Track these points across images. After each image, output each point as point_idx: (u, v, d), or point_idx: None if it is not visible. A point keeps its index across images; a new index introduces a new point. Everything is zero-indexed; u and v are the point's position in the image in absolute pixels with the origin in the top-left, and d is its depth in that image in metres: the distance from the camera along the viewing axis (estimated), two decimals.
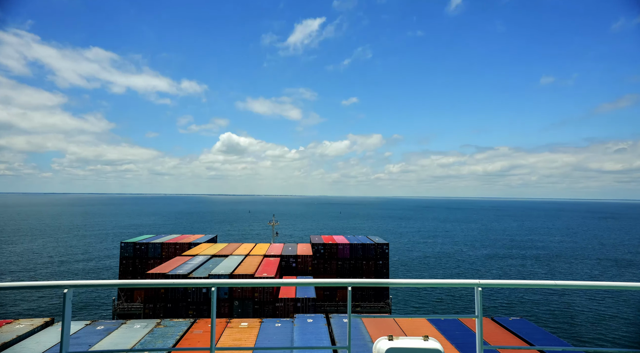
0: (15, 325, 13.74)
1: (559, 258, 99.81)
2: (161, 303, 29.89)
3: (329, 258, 43.67)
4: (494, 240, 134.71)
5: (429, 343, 5.44)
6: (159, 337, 13.44)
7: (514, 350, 11.18)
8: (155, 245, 44.16)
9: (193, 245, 44.72)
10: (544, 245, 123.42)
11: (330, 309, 39.90)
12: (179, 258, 36.39)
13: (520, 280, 5.63)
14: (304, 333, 13.79)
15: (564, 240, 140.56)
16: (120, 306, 38.40)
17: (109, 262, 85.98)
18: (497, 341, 13.18)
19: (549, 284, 5.57)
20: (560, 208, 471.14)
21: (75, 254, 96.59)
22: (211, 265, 33.26)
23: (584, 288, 5.65)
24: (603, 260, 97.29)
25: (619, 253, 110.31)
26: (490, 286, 5.52)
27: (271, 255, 39.00)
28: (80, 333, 13.46)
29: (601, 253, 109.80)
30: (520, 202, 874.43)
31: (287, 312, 29.14)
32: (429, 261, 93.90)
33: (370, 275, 43.34)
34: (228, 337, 13.66)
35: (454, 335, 13.62)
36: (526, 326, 14.88)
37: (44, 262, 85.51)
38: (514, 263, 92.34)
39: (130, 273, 43.28)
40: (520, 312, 53.88)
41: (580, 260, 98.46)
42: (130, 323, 14.73)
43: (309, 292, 30.71)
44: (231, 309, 29.76)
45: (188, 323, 14.91)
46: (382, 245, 44.00)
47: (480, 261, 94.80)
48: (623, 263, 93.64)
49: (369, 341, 12.67)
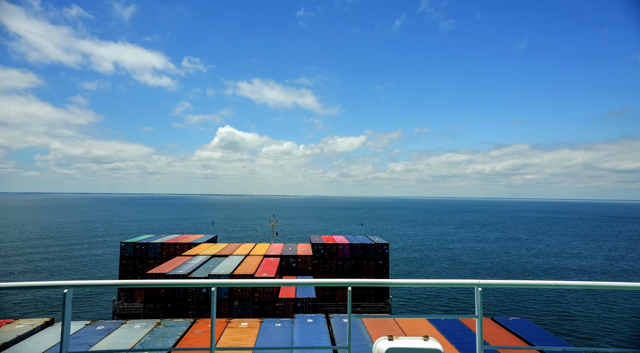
0: (15, 325, 13.75)
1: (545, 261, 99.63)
2: (161, 303, 29.90)
3: (329, 258, 43.68)
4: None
5: (429, 343, 5.44)
6: (159, 337, 13.44)
7: (514, 350, 11.18)
8: (155, 245, 44.18)
9: (193, 245, 44.73)
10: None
11: (330, 309, 39.90)
12: (179, 258, 36.39)
13: (520, 280, 5.63)
14: (304, 333, 13.80)
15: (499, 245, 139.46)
16: (120, 306, 38.40)
17: (109, 262, 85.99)
18: (497, 341, 13.18)
19: (549, 284, 5.57)
20: (539, 209, 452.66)
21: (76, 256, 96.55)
22: (211, 265, 33.26)
23: (584, 288, 5.65)
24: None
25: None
26: (490, 286, 5.52)
27: (271, 255, 39.00)
28: (80, 333, 13.47)
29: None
30: (509, 203, 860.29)
31: (287, 312, 29.14)
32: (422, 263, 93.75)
33: (370, 275, 43.35)
34: (228, 337, 13.67)
35: (454, 335, 13.62)
36: (526, 326, 14.88)
37: (44, 262, 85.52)
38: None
39: (130, 273, 43.29)
40: (520, 312, 53.89)
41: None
42: (130, 323, 14.74)
43: (309, 292, 30.72)
44: (231, 309, 29.76)
45: (188, 323, 14.92)
46: (382, 245, 44.02)
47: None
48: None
49: (369, 341, 12.67)
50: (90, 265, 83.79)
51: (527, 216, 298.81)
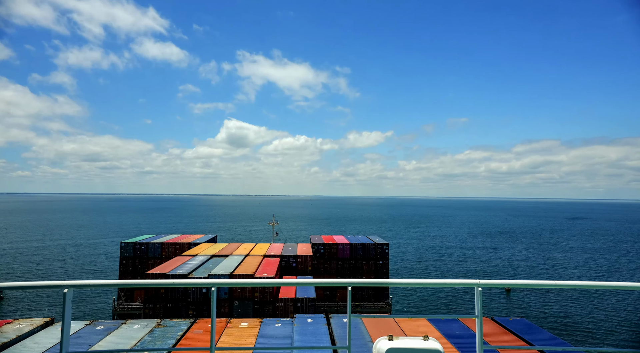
0: (15, 325, 13.75)
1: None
2: (161, 303, 29.91)
3: (329, 258, 43.70)
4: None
5: (429, 343, 5.44)
6: (159, 337, 13.44)
7: (514, 350, 11.19)
8: (155, 245, 44.19)
9: (193, 245, 44.75)
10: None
11: (330, 309, 39.92)
12: (179, 258, 36.40)
13: (520, 280, 5.64)
14: (304, 333, 13.80)
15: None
16: (120, 306, 38.41)
17: (109, 262, 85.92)
18: (497, 341, 13.18)
19: (549, 284, 5.58)
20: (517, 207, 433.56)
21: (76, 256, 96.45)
22: (211, 265, 33.27)
23: (584, 288, 5.65)
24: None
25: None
26: (490, 286, 5.52)
27: (271, 255, 39.01)
28: (80, 333, 13.47)
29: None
30: (508, 202, 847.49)
31: (287, 312, 29.15)
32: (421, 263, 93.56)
33: (370, 275, 43.36)
34: (228, 337, 13.67)
35: (454, 335, 13.62)
36: (526, 326, 14.88)
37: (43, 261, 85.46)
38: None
39: (130, 273, 43.31)
40: (520, 312, 53.89)
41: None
42: (130, 323, 14.74)
43: (309, 292, 30.72)
44: (231, 309, 29.77)
45: (188, 323, 14.92)
46: (382, 245, 44.04)
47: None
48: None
49: (369, 341, 12.67)
50: (90, 265, 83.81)
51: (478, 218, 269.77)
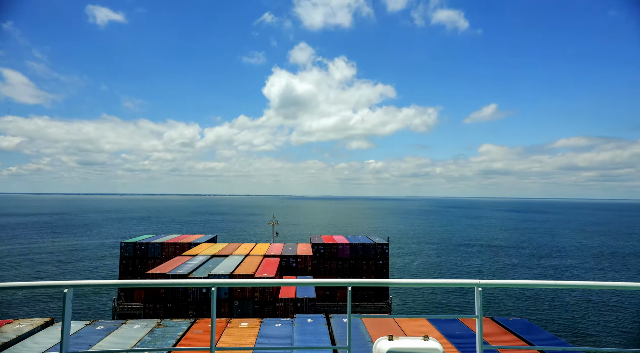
0: (15, 325, 13.75)
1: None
2: (161, 303, 29.88)
3: (329, 258, 43.66)
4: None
5: (429, 343, 5.44)
6: (159, 337, 13.45)
7: (514, 350, 11.20)
8: (155, 245, 44.16)
9: (193, 245, 44.71)
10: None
11: (330, 309, 39.90)
12: (179, 258, 36.38)
13: (520, 280, 5.64)
14: (304, 333, 13.80)
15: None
16: (120, 306, 38.39)
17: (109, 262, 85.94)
18: (497, 341, 13.18)
19: (549, 284, 5.58)
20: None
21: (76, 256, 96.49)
22: (211, 265, 33.26)
23: (584, 288, 5.66)
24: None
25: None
26: (490, 286, 5.52)
27: (271, 255, 38.99)
28: (80, 333, 13.47)
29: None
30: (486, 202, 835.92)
31: (287, 312, 29.13)
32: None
33: (370, 275, 43.33)
34: (228, 337, 13.68)
35: (454, 335, 13.62)
36: (526, 326, 14.89)
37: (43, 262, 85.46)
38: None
39: (130, 273, 43.27)
40: (520, 312, 53.89)
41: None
42: (130, 323, 14.74)
43: (309, 292, 30.71)
44: (231, 309, 29.76)
45: (188, 323, 14.92)
46: (382, 245, 43.99)
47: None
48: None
49: (369, 341, 12.67)
50: (90, 265, 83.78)
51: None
